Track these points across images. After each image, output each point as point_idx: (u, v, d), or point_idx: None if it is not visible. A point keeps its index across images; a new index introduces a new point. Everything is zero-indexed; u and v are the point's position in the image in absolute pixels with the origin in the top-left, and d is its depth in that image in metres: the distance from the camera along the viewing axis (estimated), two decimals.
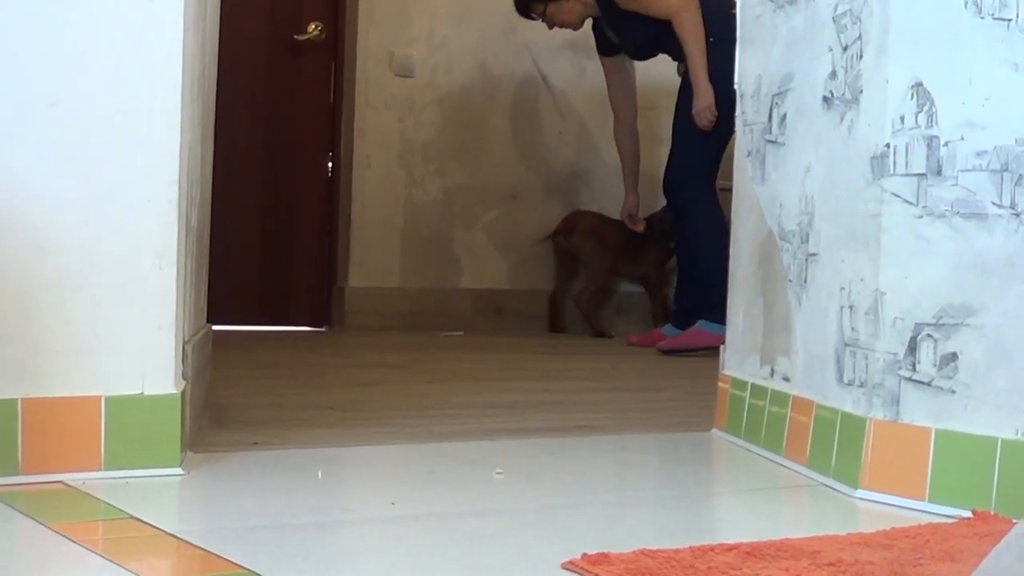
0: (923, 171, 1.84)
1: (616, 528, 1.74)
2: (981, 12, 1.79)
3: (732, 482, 2.24)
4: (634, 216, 5.08)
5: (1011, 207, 1.76)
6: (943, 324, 1.82)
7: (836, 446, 1.97)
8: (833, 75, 2.07)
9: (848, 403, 1.96)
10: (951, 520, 1.71)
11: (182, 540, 1.48)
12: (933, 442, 1.81)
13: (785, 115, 2.27)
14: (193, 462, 1.94)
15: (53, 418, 1.77)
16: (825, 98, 2.10)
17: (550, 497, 1.90)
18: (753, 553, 1.44)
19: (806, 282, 2.15)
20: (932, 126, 1.84)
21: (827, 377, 2.03)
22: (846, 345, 1.97)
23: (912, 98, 1.86)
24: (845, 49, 2.03)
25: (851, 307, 1.96)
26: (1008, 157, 1.77)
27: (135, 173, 1.84)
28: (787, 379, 2.21)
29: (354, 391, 3.12)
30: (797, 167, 2.21)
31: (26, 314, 1.77)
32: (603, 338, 5.11)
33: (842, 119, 2.03)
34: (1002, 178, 1.77)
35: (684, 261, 4.71)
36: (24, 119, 1.78)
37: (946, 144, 1.82)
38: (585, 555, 1.41)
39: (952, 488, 1.78)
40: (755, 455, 2.26)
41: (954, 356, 1.81)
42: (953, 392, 1.81)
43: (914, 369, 1.85)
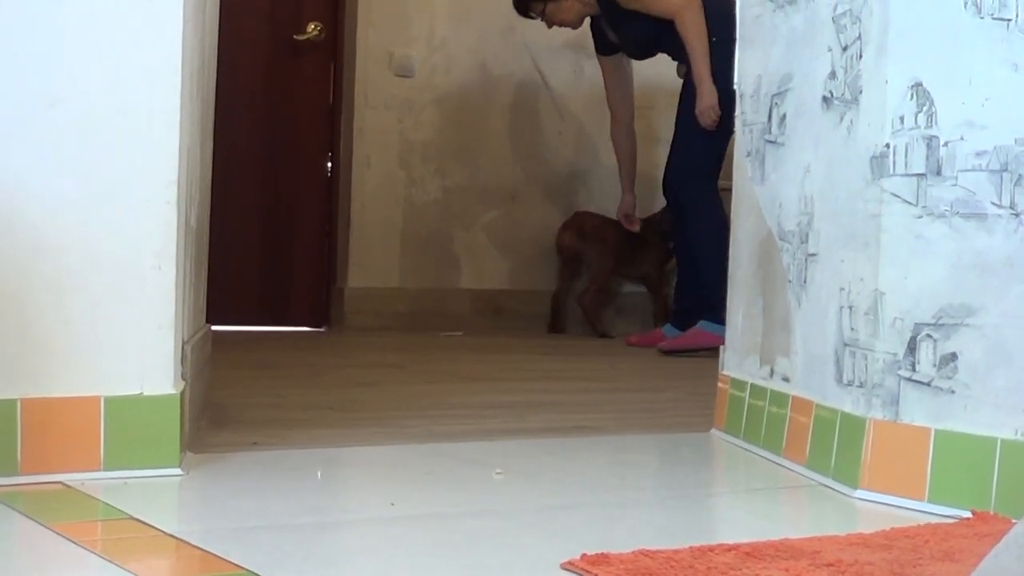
0: (923, 171, 1.84)
1: (615, 528, 1.74)
2: (981, 12, 1.79)
3: (732, 482, 2.24)
4: (630, 216, 5.07)
5: (1011, 207, 1.76)
6: (943, 324, 1.82)
7: (836, 446, 1.97)
8: (833, 75, 2.07)
9: (848, 403, 1.96)
10: (950, 520, 1.71)
11: (181, 540, 1.48)
12: (933, 442, 1.81)
13: (785, 115, 2.27)
14: (192, 462, 1.94)
15: (52, 418, 1.77)
16: (825, 98, 2.10)
17: (549, 497, 1.90)
18: (753, 553, 1.44)
19: (805, 282, 2.15)
20: (932, 126, 1.84)
21: (827, 377, 2.03)
22: (845, 345, 1.97)
23: (912, 98, 1.86)
24: (845, 49, 2.03)
25: (851, 307, 1.96)
26: (1008, 157, 1.77)
27: (134, 173, 1.83)
28: (787, 379, 2.21)
29: (353, 391, 3.12)
30: (797, 167, 2.21)
31: (25, 314, 1.77)
32: (605, 338, 5.11)
33: (842, 119, 2.03)
34: (1002, 178, 1.77)
35: (684, 261, 4.71)
36: (24, 119, 1.78)
37: (946, 144, 1.82)
38: (584, 555, 1.40)
39: (951, 488, 1.78)
40: (755, 455, 2.26)
41: (954, 356, 1.81)
42: (953, 392, 1.81)
43: (914, 369, 1.85)
